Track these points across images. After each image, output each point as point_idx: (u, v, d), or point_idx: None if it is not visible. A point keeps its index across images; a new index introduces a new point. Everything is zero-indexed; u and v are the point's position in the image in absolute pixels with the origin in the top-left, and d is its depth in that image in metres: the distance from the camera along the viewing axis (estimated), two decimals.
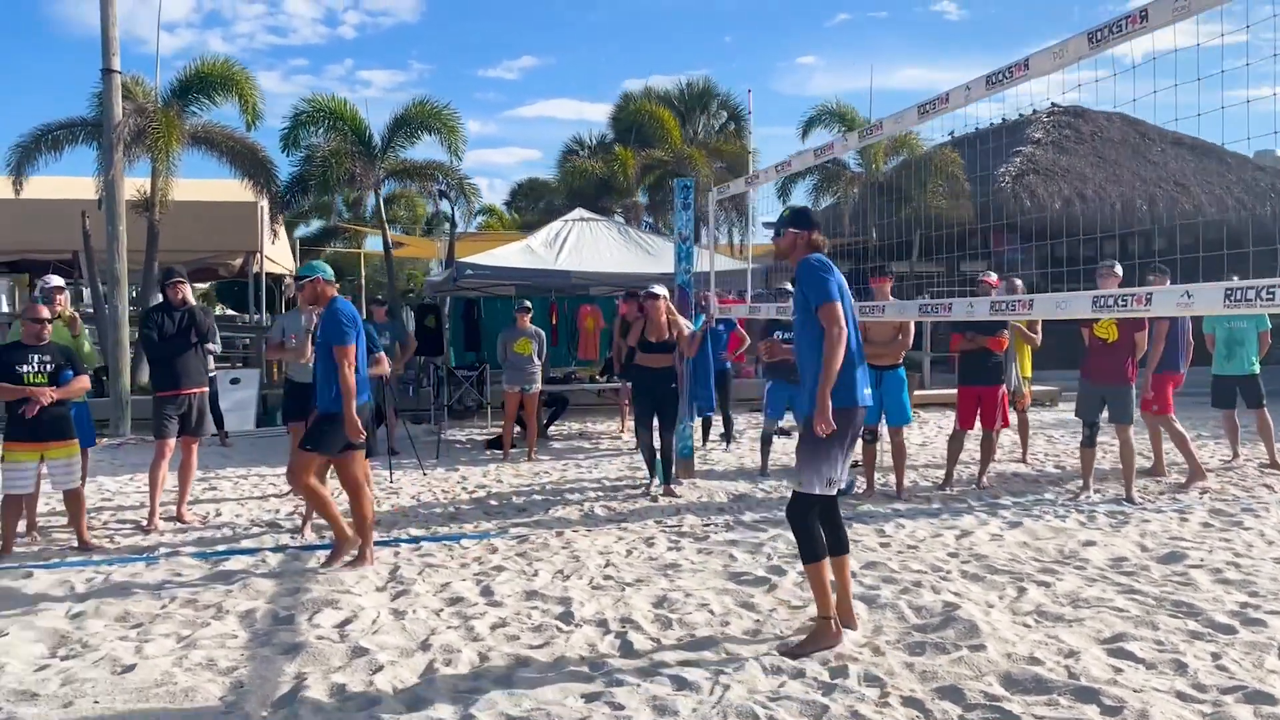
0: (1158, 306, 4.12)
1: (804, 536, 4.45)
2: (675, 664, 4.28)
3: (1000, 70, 4.63)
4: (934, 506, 7.88)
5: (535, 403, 11.13)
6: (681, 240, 9.01)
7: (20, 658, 4.57)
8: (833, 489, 4.47)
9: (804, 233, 4.69)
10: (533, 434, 11.18)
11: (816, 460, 4.41)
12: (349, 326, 5.96)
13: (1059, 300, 5.00)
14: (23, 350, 6.63)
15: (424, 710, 3.82)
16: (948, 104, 5.16)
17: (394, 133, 17.62)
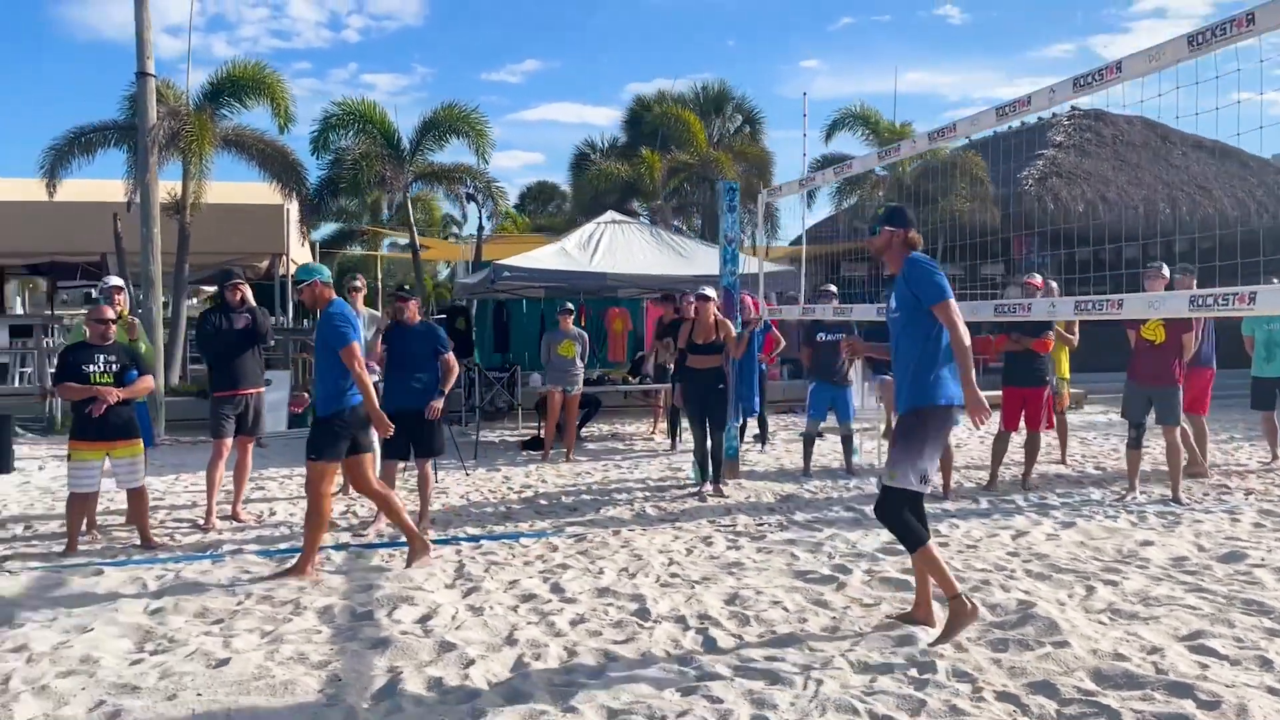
0: (1262, 305, 4.15)
1: (901, 529, 4.50)
2: (762, 659, 4.34)
3: (1090, 73, 4.67)
4: (983, 507, 7.94)
5: (576, 404, 11.20)
6: (727, 243, 9.07)
7: (111, 652, 4.64)
8: (926, 486, 4.51)
9: (900, 230, 4.69)
10: (571, 435, 11.25)
11: (911, 455, 4.45)
12: (346, 326, 5.85)
13: (1150, 300, 5.04)
14: (89, 350, 6.72)
15: (524, 704, 3.88)
16: (1029, 106, 5.21)
17: (422, 136, 17.72)
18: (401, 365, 7.38)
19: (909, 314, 4.54)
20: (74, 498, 6.73)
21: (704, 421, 8.42)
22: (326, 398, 5.91)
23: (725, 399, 8.42)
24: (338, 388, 5.88)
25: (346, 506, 8.22)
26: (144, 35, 14.79)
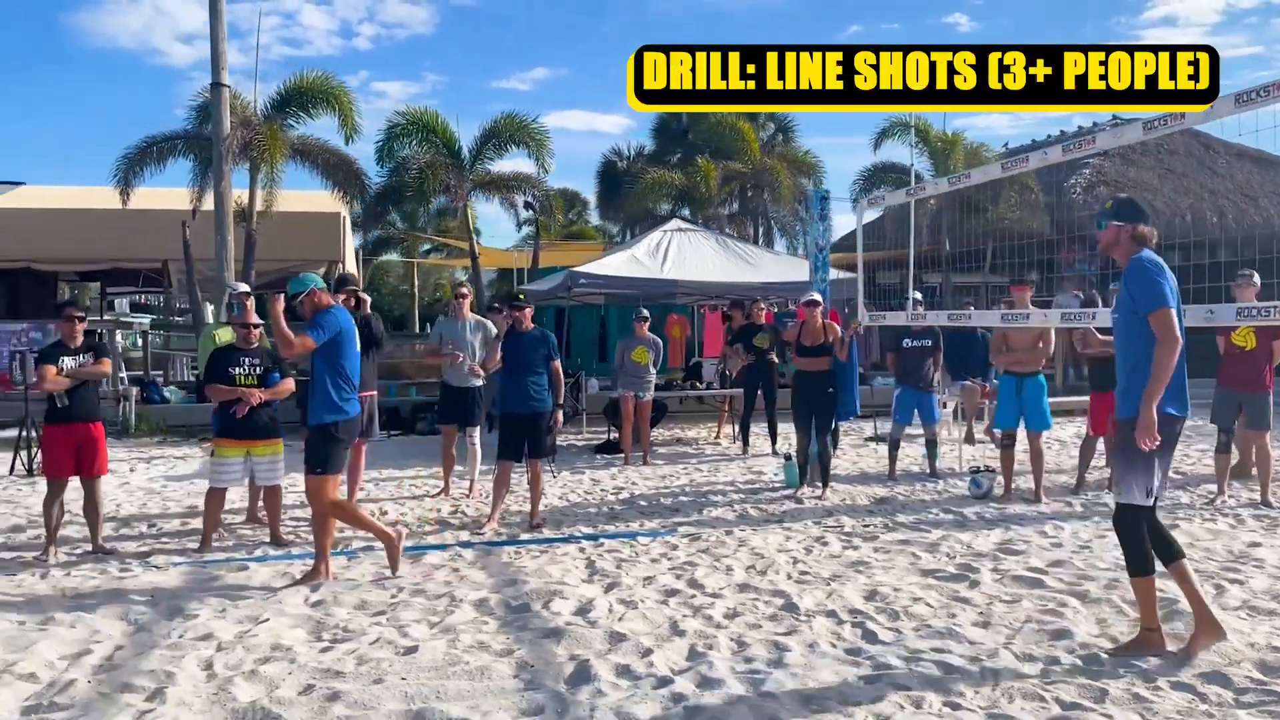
0: None
1: (1132, 549, 4.38)
2: (929, 650, 4.54)
3: (1254, 89, 4.87)
4: (1078, 509, 8.10)
5: (649, 409, 11.41)
6: (818, 250, 9.29)
7: (296, 640, 4.88)
8: (1150, 499, 4.37)
9: (1129, 226, 4.44)
10: (646, 439, 11.46)
11: (1134, 469, 4.31)
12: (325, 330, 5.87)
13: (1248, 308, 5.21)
14: (235, 353, 7.03)
15: (718, 690, 4.09)
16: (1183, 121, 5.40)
17: (483, 145, 18.00)
18: (516, 371, 7.61)
19: (1126, 317, 4.39)
20: (213, 492, 7.02)
21: (810, 424, 8.62)
22: (325, 407, 5.93)
23: (833, 403, 8.63)
24: (337, 397, 5.93)
25: (454, 507, 8.46)
26: (219, 47, 15.14)
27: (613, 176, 27.92)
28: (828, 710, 3.85)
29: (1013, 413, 8.49)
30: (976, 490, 8.62)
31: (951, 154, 18.60)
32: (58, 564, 6.56)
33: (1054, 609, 5.19)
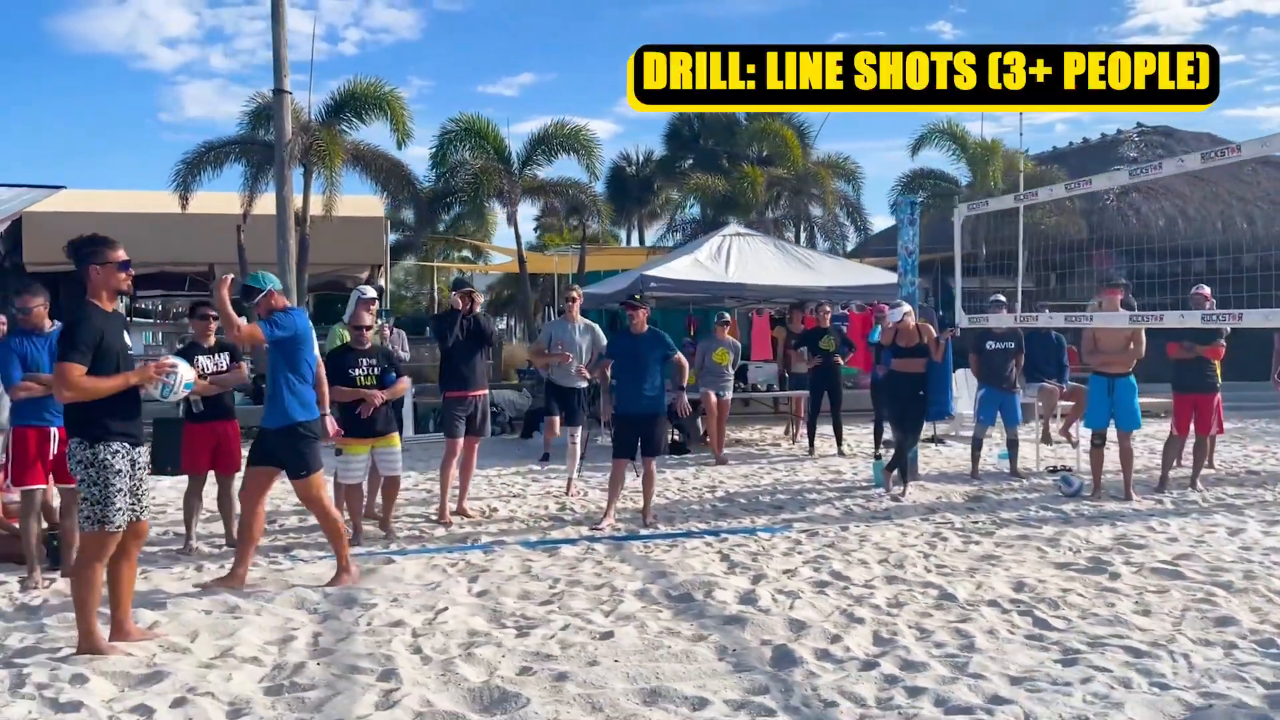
0: None
1: None
2: (1109, 636, 4.76)
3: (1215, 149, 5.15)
4: (1169, 506, 8.32)
5: (728, 408, 11.65)
6: (907, 254, 9.52)
7: (486, 627, 5.09)
8: None
9: None
10: (722, 437, 11.68)
11: None
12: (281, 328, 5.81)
13: None
14: (354, 355, 7.28)
15: (925, 671, 4.31)
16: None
17: (532, 151, 18.22)
18: (632, 371, 7.82)
19: None
20: (348, 488, 7.25)
21: (904, 423, 8.86)
22: (288, 408, 5.82)
23: (925, 404, 8.87)
24: (299, 398, 5.86)
25: (562, 505, 8.67)
26: (280, 53, 15.36)
27: (620, 181, 28.18)
28: (1041, 689, 4.06)
29: (1104, 413, 8.72)
30: (1068, 488, 8.85)
31: (991, 160, 18.87)
32: (202, 557, 6.77)
33: (1204, 599, 5.41)
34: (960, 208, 9.70)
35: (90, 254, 4.60)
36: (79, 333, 4.45)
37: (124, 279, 4.67)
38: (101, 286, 4.62)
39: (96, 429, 4.53)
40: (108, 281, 4.63)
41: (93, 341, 4.47)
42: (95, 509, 4.52)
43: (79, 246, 4.63)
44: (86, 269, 4.60)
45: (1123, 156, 22.93)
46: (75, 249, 4.63)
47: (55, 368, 4.45)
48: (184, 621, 5.18)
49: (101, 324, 4.56)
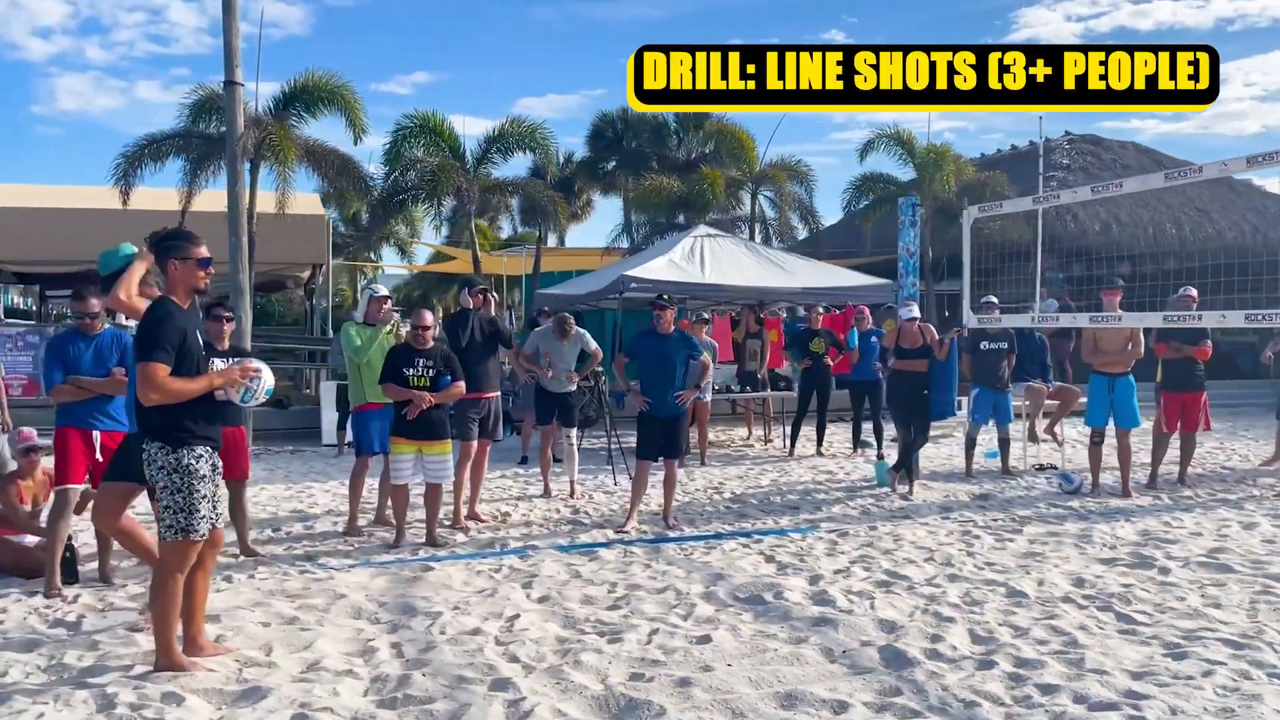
0: None
1: None
2: (1199, 630, 4.84)
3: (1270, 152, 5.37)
4: (1167, 502, 8.54)
5: (707, 411, 11.59)
6: (908, 256, 9.60)
7: (564, 632, 4.94)
8: None
9: None
10: (704, 439, 11.64)
11: None
12: None
13: None
14: (411, 354, 7.03)
15: (1044, 669, 4.31)
16: None
17: (487, 149, 17.94)
18: (658, 372, 7.71)
19: None
20: (395, 488, 7.08)
21: (910, 423, 8.92)
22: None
23: (928, 404, 8.94)
24: None
25: (575, 509, 8.52)
26: (232, 44, 14.75)
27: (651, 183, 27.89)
28: (1167, 684, 4.09)
29: (1104, 411, 8.91)
30: (1068, 485, 9.02)
31: (942, 165, 19.23)
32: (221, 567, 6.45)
33: (1264, 590, 5.55)
34: (970, 209, 9.84)
35: (171, 248, 4.34)
36: (163, 331, 4.17)
37: (203, 276, 4.41)
38: (180, 283, 4.36)
39: (180, 433, 4.26)
40: (187, 278, 4.37)
41: (176, 341, 4.21)
42: (179, 517, 4.25)
43: (160, 240, 4.37)
44: (166, 263, 4.33)
45: (1055, 163, 23.59)
46: (156, 242, 4.36)
47: (139, 369, 4.16)
48: (249, 635, 4.92)
49: (183, 322, 4.29)
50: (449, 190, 16.61)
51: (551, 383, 9.09)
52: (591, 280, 14.61)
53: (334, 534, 7.54)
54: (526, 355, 9.20)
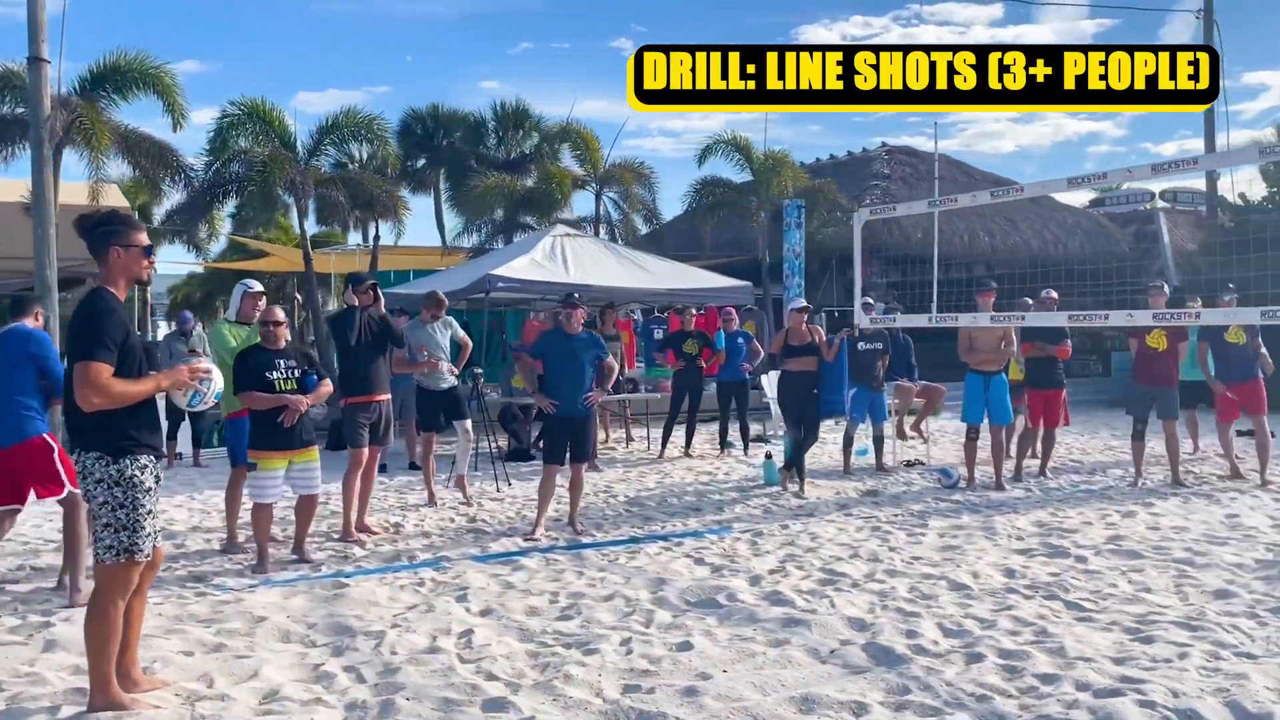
0: None
1: None
2: (1148, 614, 5.03)
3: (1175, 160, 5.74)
4: (1038, 495, 8.94)
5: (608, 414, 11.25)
6: (794, 257, 9.70)
7: (533, 647, 4.65)
8: None
9: None
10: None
11: None
12: None
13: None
14: (269, 356, 6.41)
15: (1034, 660, 4.36)
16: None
17: (320, 140, 17.05)
18: (567, 372, 7.45)
19: None
20: (259, 508, 6.40)
21: (800, 422, 8.99)
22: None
23: (818, 402, 9.03)
24: None
25: (473, 517, 8.13)
26: (38, 16, 13.47)
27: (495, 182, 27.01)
28: (1153, 667, 4.21)
29: (980, 408, 9.26)
30: (947, 480, 9.34)
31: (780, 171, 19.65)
32: None
33: (1179, 574, 5.84)
34: (861, 211, 10.04)
35: (112, 234, 3.80)
36: (105, 326, 3.64)
37: (147, 265, 3.89)
38: (121, 273, 3.83)
39: (122, 441, 3.73)
40: (131, 267, 3.84)
41: (120, 337, 3.68)
42: (121, 536, 3.71)
43: (97, 225, 3.80)
44: (107, 251, 3.78)
45: (876, 172, 24.67)
46: (94, 226, 3.80)
47: (79, 369, 3.60)
48: (179, 665, 4.40)
49: (125, 317, 3.76)
50: (282, 183, 15.65)
51: (431, 379, 8.60)
52: (444, 280, 14.11)
53: (211, 551, 6.91)
54: (399, 358, 8.68)
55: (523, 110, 26.94)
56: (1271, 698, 3.82)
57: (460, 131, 27.49)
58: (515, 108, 26.94)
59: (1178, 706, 3.74)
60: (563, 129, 20.10)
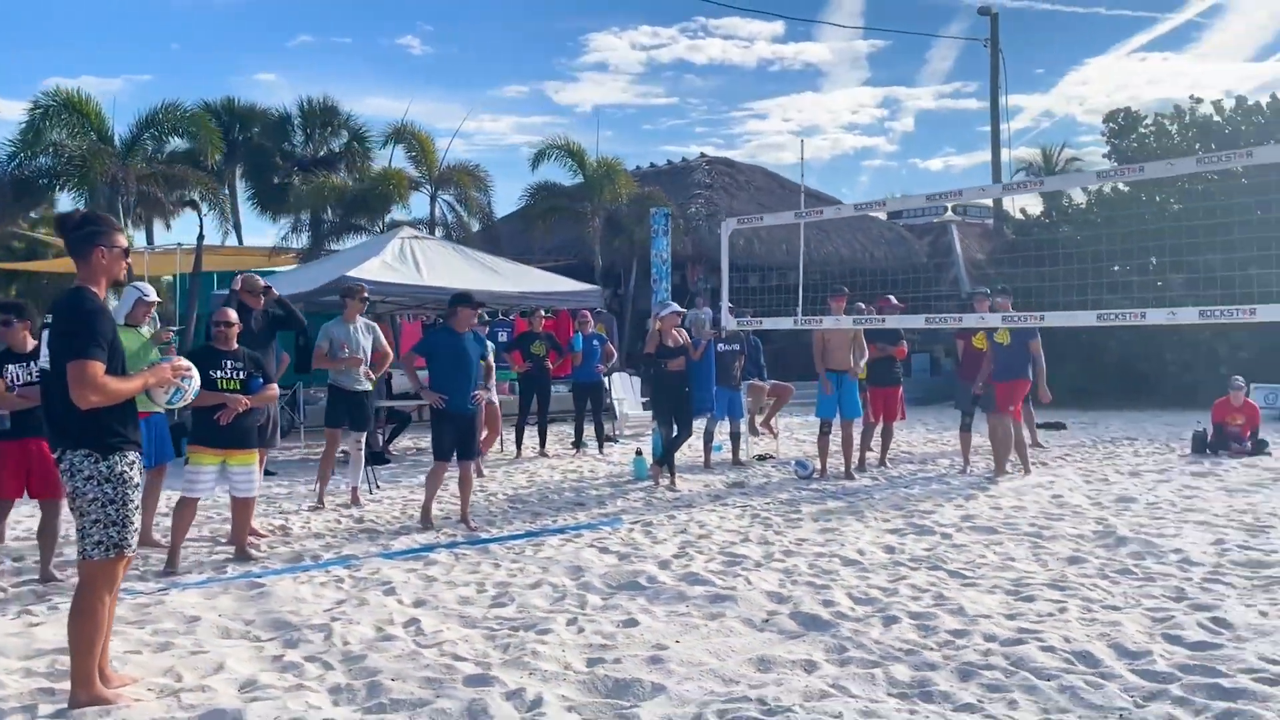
0: None
1: None
2: (1023, 578, 5.72)
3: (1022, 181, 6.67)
4: (884, 482, 9.76)
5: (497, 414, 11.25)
6: (661, 262, 10.16)
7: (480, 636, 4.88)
8: None
9: None
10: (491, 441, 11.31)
11: None
12: None
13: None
14: (215, 355, 6.40)
15: (939, 619, 4.93)
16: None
17: (139, 135, 16.33)
18: (458, 371, 7.62)
19: None
20: (185, 502, 6.36)
21: (672, 419, 9.45)
22: None
23: (691, 400, 9.52)
24: None
25: (360, 518, 8.15)
26: None
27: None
28: (1043, 619, 4.86)
29: (833, 404, 9.99)
30: (803, 472, 10.03)
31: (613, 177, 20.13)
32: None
33: (1032, 546, 6.62)
34: (728, 221, 10.59)
35: (96, 234, 3.81)
36: (98, 325, 3.67)
37: (124, 267, 3.93)
38: (103, 274, 3.85)
39: (111, 438, 3.75)
40: (112, 268, 3.86)
41: (110, 336, 3.71)
42: (112, 531, 3.73)
43: (81, 224, 3.80)
44: (91, 251, 3.78)
45: (698, 181, 25.64)
46: (77, 226, 3.79)
47: (74, 367, 3.59)
48: (137, 664, 4.38)
49: (110, 316, 3.79)
50: (103, 178, 14.91)
51: (347, 379, 8.54)
52: (290, 281, 13.81)
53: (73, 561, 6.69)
54: (321, 353, 8.59)
55: (331, 107, 26.37)
56: (1144, 639, 4.52)
57: (259, 127, 26.58)
58: (323, 104, 26.34)
59: (1073, 650, 4.37)
60: (398, 130, 19.88)
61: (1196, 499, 8.40)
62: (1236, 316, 6.45)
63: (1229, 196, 17.87)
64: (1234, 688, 3.84)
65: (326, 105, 26.21)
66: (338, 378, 8.55)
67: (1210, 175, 18.35)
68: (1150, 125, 21.52)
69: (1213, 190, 19.00)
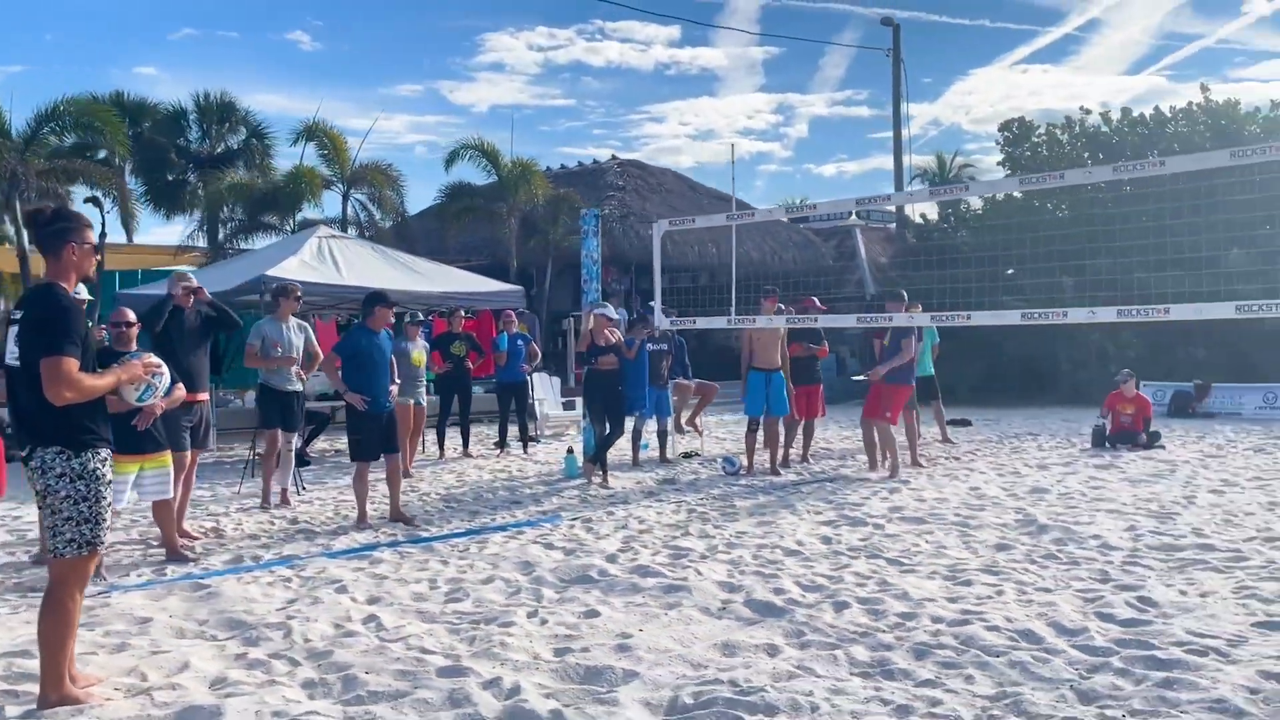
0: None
1: None
2: (957, 563, 5.99)
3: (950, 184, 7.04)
4: (809, 477, 10.03)
5: (424, 415, 11.10)
6: (592, 263, 10.26)
7: (444, 629, 4.92)
8: None
9: None
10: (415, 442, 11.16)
11: None
12: None
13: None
14: (117, 357, 6.16)
15: (885, 604, 5.15)
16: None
17: (39, 128, 15.76)
18: (377, 370, 7.68)
19: None
20: None
21: (604, 417, 9.56)
22: None
23: (623, 398, 9.64)
24: None
25: (295, 519, 8.06)
26: None
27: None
28: (983, 600, 5.11)
29: (760, 402, 10.22)
30: (730, 468, 10.24)
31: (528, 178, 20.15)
32: None
33: (960, 536, 6.92)
34: (660, 223, 10.71)
35: (68, 231, 3.79)
36: (71, 322, 3.64)
37: (94, 263, 3.90)
38: (74, 270, 3.82)
39: (84, 435, 3.72)
40: (82, 264, 3.84)
41: (83, 333, 3.68)
42: (84, 529, 3.69)
43: (53, 220, 3.76)
44: (63, 248, 3.74)
45: (610, 183, 25.82)
46: (49, 223, 3.75)
47: (49, 364, 3.55)
48: (99, 664, 4.32)
49: (82, 312, 3.75)
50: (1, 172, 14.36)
51: (279, 378, 8.42)
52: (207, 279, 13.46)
53: (21, 564, 6.52)
54: (253, 351, 8.43)
55: (229, 103, 25.70)
56: (1079, 618, 4.80)
57: (150, 122, 25.80)
58: (220, 100, 25.65)
59: (1016, 628, 4.63)
60: (309, 128, 19.56)
61: (1104, 489, 8.85)
62: (1152, 315, 6.86)
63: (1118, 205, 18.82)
64: (1169, 659, 4.13)
65: (224, 101, 25.49)
66: (269, 378, 8.43)
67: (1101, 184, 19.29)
68: (1043, 134, 22.47)
69: (1102, 199, 19.98)
